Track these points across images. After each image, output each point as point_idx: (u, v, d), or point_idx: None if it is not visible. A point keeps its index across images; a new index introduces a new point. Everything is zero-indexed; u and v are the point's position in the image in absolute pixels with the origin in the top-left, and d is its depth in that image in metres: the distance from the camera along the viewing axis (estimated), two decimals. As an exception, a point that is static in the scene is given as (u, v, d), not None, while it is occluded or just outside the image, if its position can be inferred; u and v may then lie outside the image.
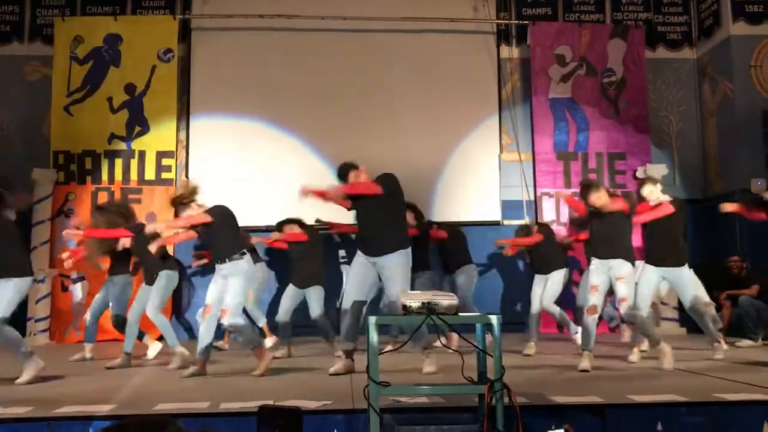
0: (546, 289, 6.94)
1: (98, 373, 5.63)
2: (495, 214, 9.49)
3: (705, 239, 9.10)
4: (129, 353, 6.15)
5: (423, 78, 9.62)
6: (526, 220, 9.31)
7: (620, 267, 5.48)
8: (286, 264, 7.61)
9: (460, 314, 3.28)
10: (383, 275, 5.26)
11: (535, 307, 6.96)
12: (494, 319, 3.20)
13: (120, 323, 6.33)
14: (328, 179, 8.98)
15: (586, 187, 5.60)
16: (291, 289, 6.99)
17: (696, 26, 10.19)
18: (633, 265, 5.55)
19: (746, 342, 7.15)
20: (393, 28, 9.71)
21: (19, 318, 6.34)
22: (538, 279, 7.05)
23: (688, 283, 6.03)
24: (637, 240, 5.98)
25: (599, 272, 5.56)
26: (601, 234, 5.60)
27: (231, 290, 5.37)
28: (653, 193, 5.94)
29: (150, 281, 6.29)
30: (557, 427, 1.81)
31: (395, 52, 9.68)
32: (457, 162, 9.58)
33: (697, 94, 10.11)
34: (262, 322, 7.70)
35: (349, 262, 7.34)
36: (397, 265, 5.20)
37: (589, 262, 5.86)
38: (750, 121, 9.14)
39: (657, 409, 3.63)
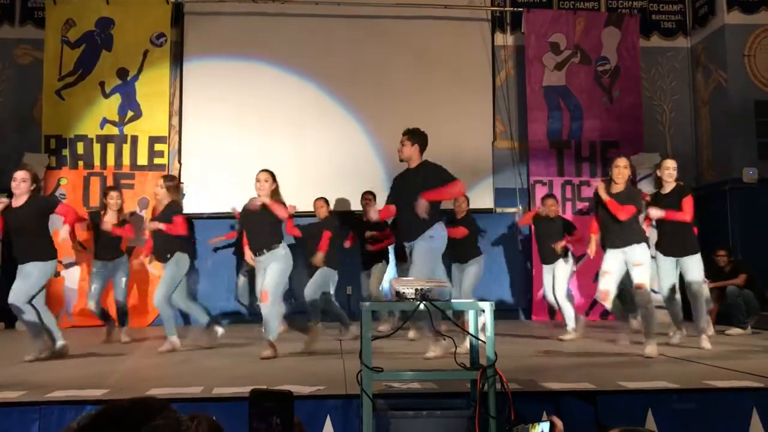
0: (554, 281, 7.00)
1: (90, 357, 5.62)
2: (488, 202, 9.49)
3: (697, 229, 9.12)
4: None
5: (417, 64, 9.58)
6: (519, 209, 9.36)
7: (634, 252, 5.44)
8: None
9: (453, 301, 3.29)
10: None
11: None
12: (487, 306, 3.20)
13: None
14: (319, 166, 9.08)
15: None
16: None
17: (690, 15, 10.18)
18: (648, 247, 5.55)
19: (736, 330, 7.19)
20: (387, 14, 9.65)
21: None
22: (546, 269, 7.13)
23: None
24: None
25: (613, 258, 5.48)
26: (610, 222, 5.53)
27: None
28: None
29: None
30: (543, 421, 1.80)
31: (389, 39, 9.63)
32: (450, 149, 9.49)
33: (691, 83, 10.12)
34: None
35: None
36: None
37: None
38: (743, 111, 9.16)
39: (648, 395, 3.66)
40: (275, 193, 5.61)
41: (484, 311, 3.24)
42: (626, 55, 9.83)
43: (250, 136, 9.28)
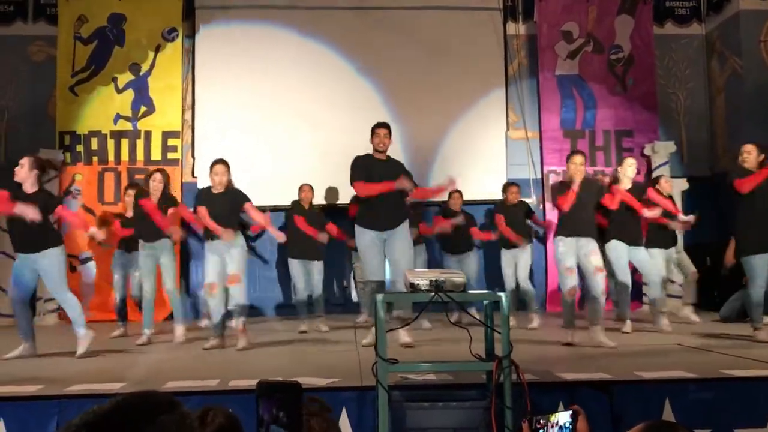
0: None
1: (108, 351, 5.66)
2: (501, 193, 9.43)
3: (713, 216, 9.05)
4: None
5: (428, 55, 9.53)
6: (532, 199, 9.30)
7: (589, 243, 5.58)
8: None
9: (468, 292, 3.29)
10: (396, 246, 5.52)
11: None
12: (503, 297, 3.20)
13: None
14: (331, 157, 9.05)
15: None
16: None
17: (705, 1, 10.05)
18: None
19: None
20: (398, 4, 9.63)
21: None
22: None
23: None
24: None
25: (570, 254, 5.56)
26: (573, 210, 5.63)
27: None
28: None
29: None
30: (565, 409, 1.81)
31: (400, 29, 9.57)
32: (463, 140, 9.52)
33: (706, 71, 10.00)
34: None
35: None
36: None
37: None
38: (758, 98, 9.05)
39: (664, 385, 3.64)
40: None
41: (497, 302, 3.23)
42: (640, 43, 9.73)
43: (263, 130, 9.29)
